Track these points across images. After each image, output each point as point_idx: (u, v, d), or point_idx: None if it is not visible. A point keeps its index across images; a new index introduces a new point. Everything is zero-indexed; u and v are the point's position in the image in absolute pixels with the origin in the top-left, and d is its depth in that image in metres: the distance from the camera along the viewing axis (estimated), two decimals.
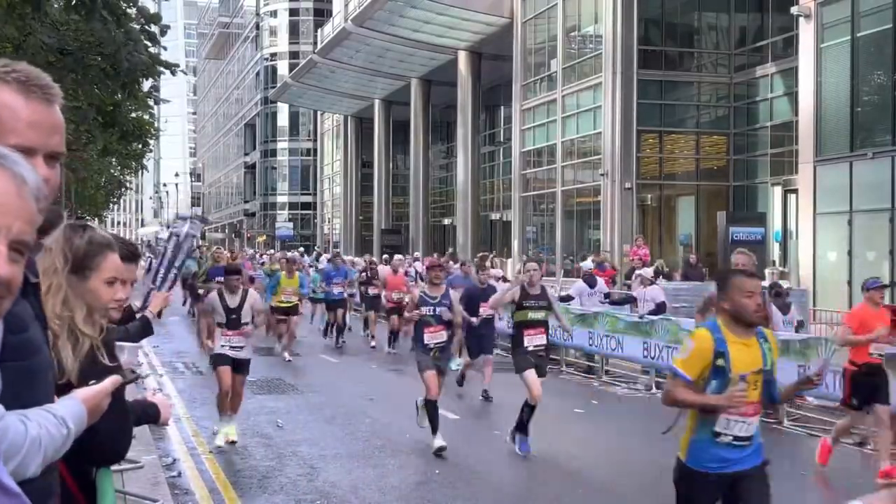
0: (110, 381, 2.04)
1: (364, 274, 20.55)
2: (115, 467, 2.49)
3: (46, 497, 1.86)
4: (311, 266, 26.47)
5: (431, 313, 9.48)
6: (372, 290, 19.85)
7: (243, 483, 8.00)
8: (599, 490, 8.17)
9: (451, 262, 22.13)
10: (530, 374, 9.26)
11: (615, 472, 8.89)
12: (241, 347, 9.61)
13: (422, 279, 20.29)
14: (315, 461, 8.82)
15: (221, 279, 12.75)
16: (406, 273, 21.51)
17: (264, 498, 7.61)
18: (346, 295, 19.82)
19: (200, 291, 17.21)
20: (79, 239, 2.53)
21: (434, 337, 9.45)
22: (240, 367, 9.68)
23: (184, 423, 10.58)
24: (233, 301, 9.62)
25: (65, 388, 2.24)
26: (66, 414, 1.81)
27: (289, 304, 16.91)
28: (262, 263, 28.15)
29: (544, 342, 9.61)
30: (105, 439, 2.32)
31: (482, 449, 9.71)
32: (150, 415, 2.83)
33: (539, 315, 9.52)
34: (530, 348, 9.37)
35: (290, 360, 16.37)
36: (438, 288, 9.79)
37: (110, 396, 2.03)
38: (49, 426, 1.75)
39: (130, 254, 2.90)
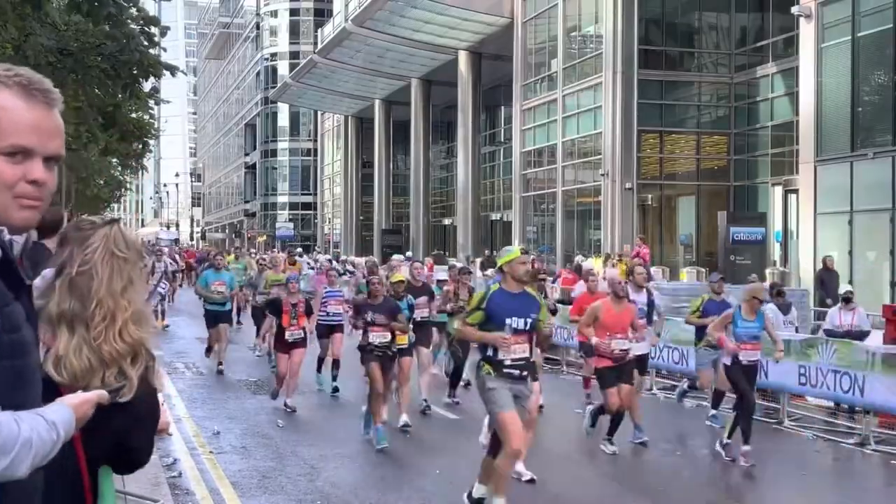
0: (96, 393, 2.04)
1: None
2: None
3: (33, 493, 1.88)
4: (310, 268, 23.81)
5: None
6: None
7: (244, 483, 8.00)
8: (598, 490, 8.17)
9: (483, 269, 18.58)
10: None
11: (614, 472, 8.88)
12: None
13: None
14: (315, 461, 8.82)
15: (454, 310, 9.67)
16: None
17: (265, 498, 7.61)
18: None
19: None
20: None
21: None
22: None
23: (184, 423, 10.58)
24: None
25: (125, 406, 2.26)
26: (57, 419, 1.81)
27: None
28: (344, 273, 21.23)
29: None
30: (143, 451, 2.42)
31: (483, 449, 9.70)
32: None
33: None
34: None
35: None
36: None
37: (94, 407, 2.03)
38: (41, 430, 1.75)
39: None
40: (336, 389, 12.57)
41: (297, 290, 11.55)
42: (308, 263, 26.67)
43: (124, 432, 2.31)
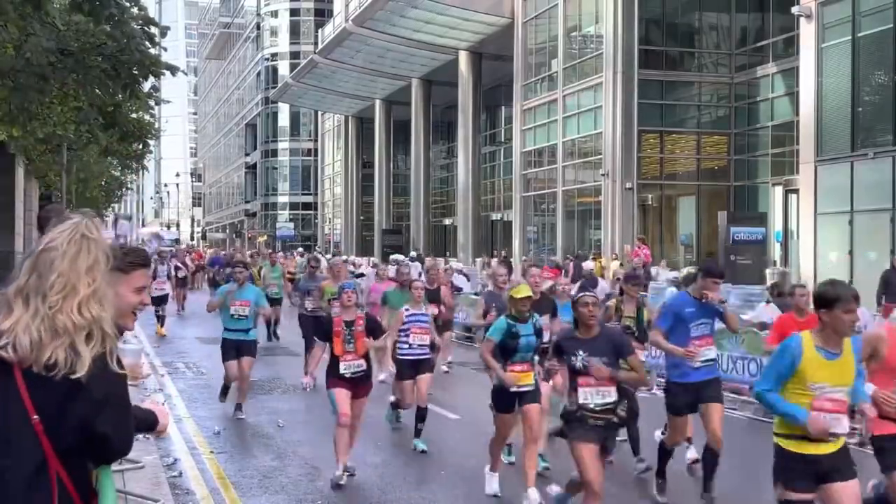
0: None
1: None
2: (115, 467, 2.49)
3: None
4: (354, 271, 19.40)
5: None
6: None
7: (244, 483, 8.00)
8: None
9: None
10: None
11: (614, 473, 8.87)
12: None
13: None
14: (316, 461, 8.81)
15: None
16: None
17: (265, 498, 7.61)
18: None
19: None
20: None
21: None
22: None
23: (185, 422, 10.58)
24: None
25: (74, 386, 2.26)
26: None
27: None
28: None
29: None
30: (119, 439, 2.39)
31: (484, 449, 9.70)
32: (148, 421, 2.79)
33: None
34: None
35: None
36: None
37: None
38: None
39: (146, 261, 3.01)
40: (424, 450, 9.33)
41: (352, 302, 8.34)
42: (351, 270, 20.06)
43: (88, 418, 2.27)
